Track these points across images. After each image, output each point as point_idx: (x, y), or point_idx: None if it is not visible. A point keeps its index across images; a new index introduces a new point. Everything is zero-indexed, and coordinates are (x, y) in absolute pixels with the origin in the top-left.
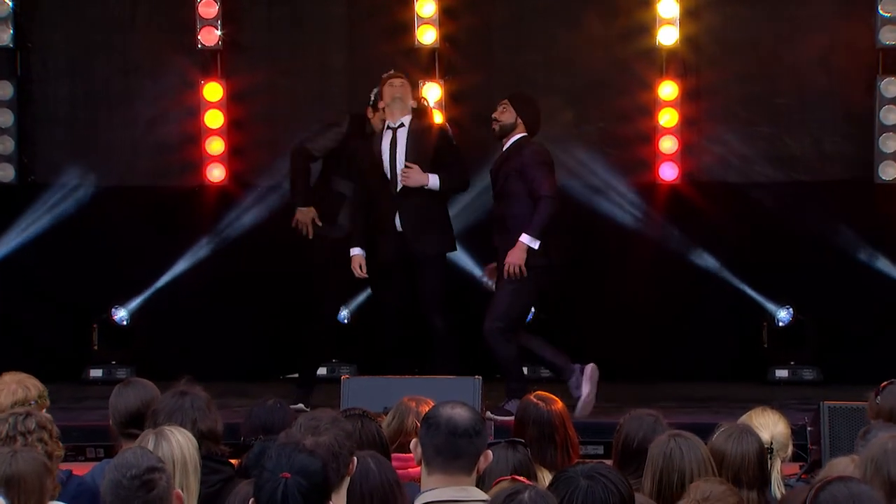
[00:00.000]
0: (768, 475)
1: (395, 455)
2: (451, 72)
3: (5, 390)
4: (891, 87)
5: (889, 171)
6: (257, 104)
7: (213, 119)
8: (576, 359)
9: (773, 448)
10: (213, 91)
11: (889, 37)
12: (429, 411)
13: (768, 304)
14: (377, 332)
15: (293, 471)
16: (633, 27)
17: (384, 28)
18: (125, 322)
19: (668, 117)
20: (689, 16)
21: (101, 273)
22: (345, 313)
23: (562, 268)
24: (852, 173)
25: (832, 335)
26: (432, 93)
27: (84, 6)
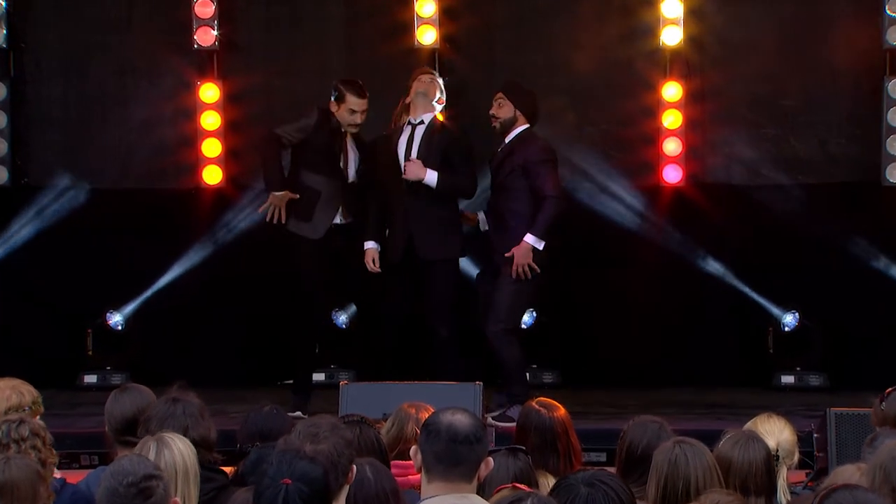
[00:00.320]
0: (776, 482)
1: (395, 462)
2: (451, 73)
3: None
4: None
5: None
6: (255, 105)
7: (210, 121)
8: (580, 363)
9: (778, 455)
10: (209, 92)
11: None
12: (429, 418)
13: (774, 309)
14: (375, 333)
15: (294, 477)
16: (636, 27)
17: (384, 28)
18: (120, 327)
19: (671, 119)
20: (693, 15)
21: (96, 277)
22: (343, 318)
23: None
24: (859, 176)
25: (839, 340)
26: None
27: (78, 6)
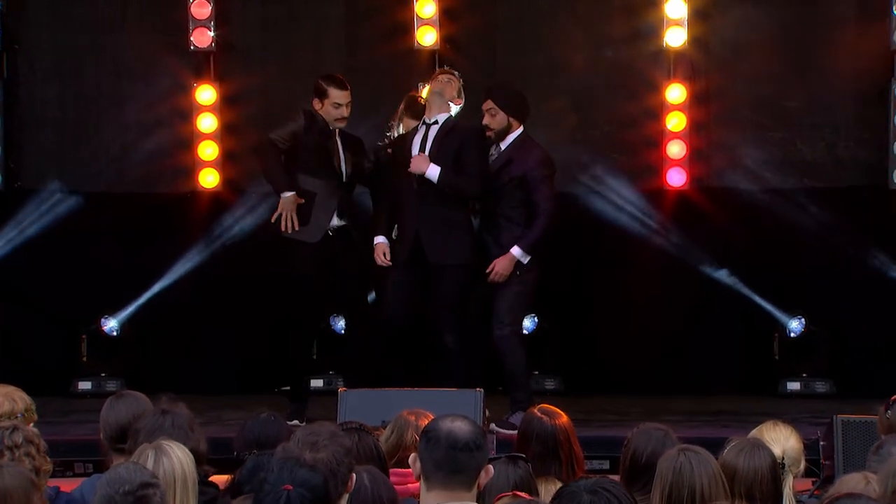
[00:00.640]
0: (782, 490)
1: (394, 470)
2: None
3: None
4: None
5: None
6: (252, 107)
7: (206, 123)
8: (582, 370)
9: (784, 463)
10: (205, 94)
11: None
12: (428, 425)
13: (779, 315)
14: (373, 334)
15: (296, 484)
16: (639, 28)
17: (383, 29)
18: (115, 333)
19: (675, 121)
20: (697, 16)
21: (90, 282)
22: (342, 324)
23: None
24: (866, 179)
25: (846, 346)
26: None
27: (73, 6)
